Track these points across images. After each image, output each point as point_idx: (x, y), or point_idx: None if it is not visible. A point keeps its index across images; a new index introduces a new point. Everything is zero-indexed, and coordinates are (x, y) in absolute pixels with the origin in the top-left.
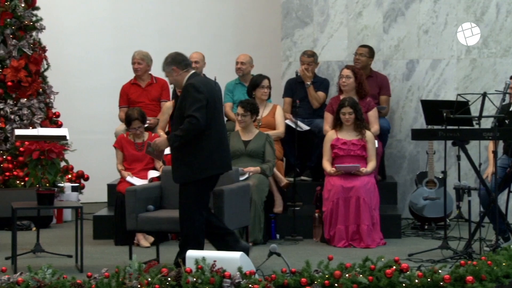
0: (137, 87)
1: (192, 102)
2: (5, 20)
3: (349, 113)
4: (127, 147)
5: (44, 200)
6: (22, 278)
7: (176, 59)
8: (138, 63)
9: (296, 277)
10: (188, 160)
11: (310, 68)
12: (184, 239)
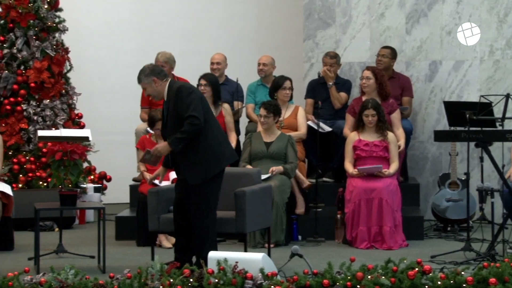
0: None
1: (188, 103)
2: (28, 21)
3: (372, 115)
4: (149, 148)
5: (66, 201)
6: (45, 279)
7: (155, 70)
8: (162, 66)
9: (318, 278)
10: (199, 159)
11: (332, 69)
12: (200, 239)
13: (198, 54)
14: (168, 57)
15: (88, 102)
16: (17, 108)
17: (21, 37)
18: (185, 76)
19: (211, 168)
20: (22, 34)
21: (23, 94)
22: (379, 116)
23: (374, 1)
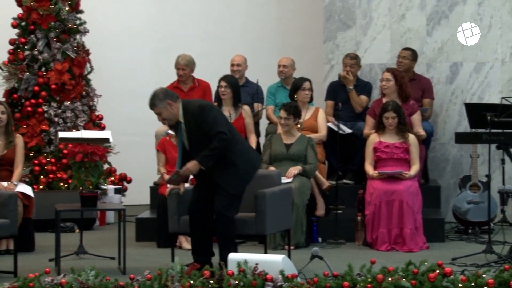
0: (180, 92)
1: (213, 120)
2: (49, 23)
3: (392, 118)
4: (170, 150)
5: (87, 203)
6: (66, 280)
7: (168, 93)
8: (182, 69)
9: (339, 280)
10: (234, 170)
11: (352, 70)
12: (225, 240)
13: (219, 55)
14: (188, 60)
15: (109, 103)
16: (38, 109)
17: (42, 39)
18: (205, 77)
19: (248, 175)
20: (43, 36)
21: (44, 95)
22: (400, 119)
23: (394, 2)
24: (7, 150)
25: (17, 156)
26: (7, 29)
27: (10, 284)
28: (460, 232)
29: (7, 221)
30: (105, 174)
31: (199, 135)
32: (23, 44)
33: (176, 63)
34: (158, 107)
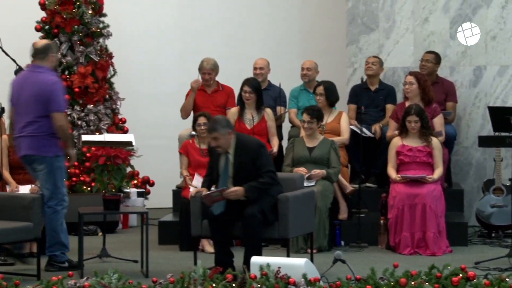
0: (203, 93)
1: (267, 158)
2: (72, 26)
3: (415, 122)
4: (192, 153)
5: (110, 206)
6: (89, 283)
7: (229, 123)
8: (208, 73)
9: (361, 284)
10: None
11: (374, 68)
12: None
13: (242, 59)
14: (213, 64)
15: (132, 107)
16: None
17: (66, 42)
18: (228, 81)
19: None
20: (66, 39)
21: (67, 99)
22: (422, 122)
23: (418, 6)
24: None
25: None
26: (31, 33)
27: (34, 287)
28: (483, 236)
29: (31, 224)
30: (128, 177)
31: (249, 168)
32: None
33: (201, 67)
34: (218, 133)
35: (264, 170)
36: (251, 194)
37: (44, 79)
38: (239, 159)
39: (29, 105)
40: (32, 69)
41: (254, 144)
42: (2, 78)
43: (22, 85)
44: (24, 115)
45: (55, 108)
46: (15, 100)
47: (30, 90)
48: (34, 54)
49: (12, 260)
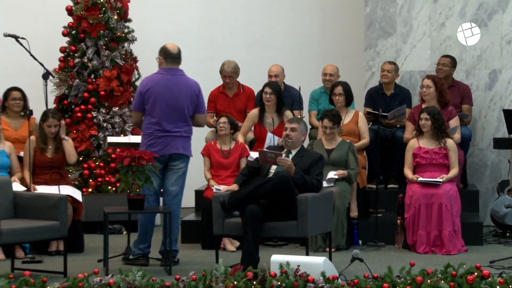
0: (225, 97)
1: (321, 170)
2: (98, 31)
3: (426, 119)
4: (214, 154)
5: (134, 205)
6: (114, 280)
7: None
8: (229, 76)
9: (378, 282)
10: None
11: (389, 75)
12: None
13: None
14: (234, 67)
15: None
16: (87, 115)
17: (92, 47)
18: (249, 83)
19: None
20: (92, 44)
21: (93, 102)
22: (434, 122)
23: (435, 11)
24: (56, 154)
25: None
26: (58, 38)
27: (60, 284)
28: (498, 236)
29: (57, 223)
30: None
31: (302, 169)
32: (73, 52)
33: (222, 70)
34: (299, 125)
35: (315, 175)
36: (296, 176)
37: (192, 82)
38: (299, 159)
39: (183, 107)
40: (174, 73)
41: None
42: (29, 82)
43: (168, 87)
44: (177, 116)
45: (203, 110)
46: (159, 102)
47: (184, 92)
48: (172, 58)
49: (39, 258)
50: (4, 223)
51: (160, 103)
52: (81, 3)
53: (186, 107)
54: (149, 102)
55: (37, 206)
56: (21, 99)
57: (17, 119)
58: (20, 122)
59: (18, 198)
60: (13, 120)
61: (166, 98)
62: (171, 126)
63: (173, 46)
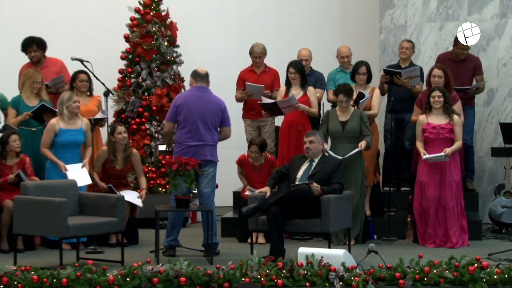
0: (253, 73)
1: (342, 174)
2: (151, 56)
3: (438, 96)
4: (246, 167)
5: (181, 204)
6: (164, 268)
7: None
8: (259, 56)
9: (391, 271)
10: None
11: (408, 52)
12: None
13: None
14: (262, 48)
15: None
16: (141, 127)
17: (145, 69)
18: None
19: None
20: (146, 66)
21: (147, 115)
22: (445, 98)
23: (440, 38)
24: (125, 165)
25: (137, 167)
26: (117, 61)
27: (118, 271)
28: (495, 232)
29: (116, 219)
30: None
31: (325, 174)
32: (129, 73)
33: (252, 51)
34: (315, 137)
35: (337, 181)
36: (325, 193)
37: (218, 99)
38: (321, 166)
39: (210, 119)
40: (203, 90)
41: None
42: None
43: (198, 102)
44: (205, 127)
45: (228, 123)
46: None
47: (212, 107)
48: (201, 78)
49: (101, 249)
50: (70, 219)
51: (191, 115)
52: (137, 32)
53: (213, 120)
54: (182, 114)
55: (99, 205)
56: (87, 81)
57: (84, 97)
58: (87, 100)
59: (82, 198)
60: (81, 98)
61: (196, 111)
62: (200, 136)
63: (201, 69)
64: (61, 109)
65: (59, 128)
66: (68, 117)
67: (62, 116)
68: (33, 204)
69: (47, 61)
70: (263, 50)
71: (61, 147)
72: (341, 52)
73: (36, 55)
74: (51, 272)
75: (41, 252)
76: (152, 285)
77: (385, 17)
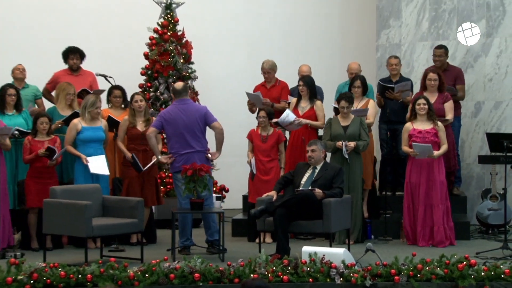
0: (264, 88)
1: (342, 179)
2: (168, 72)
3: (423, 104)
4: (254, 139)
5: (195, 207)
6: (179, 265)
7: (326, 146)
8: (267, 72)
9: (387, 268)
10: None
11: (398, 68)
12: None
13: None
14: (271, 64)
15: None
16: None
17: (163, 84)
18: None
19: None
20: (163, 81)
21: None
22: (429, 106)
23: (431, 55)
24: (146, 127)
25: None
26: (137, 76)
27: (138, 268)
28: (482, 233)
29: (136, 220)
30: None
31: (327, 179)
32: (149, 87)
33: (262, 68)
34: (317, 146)
35: (337, 186)
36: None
37: (199, 106)
38: (323, 172)
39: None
40: (183, 102)
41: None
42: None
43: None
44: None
45: (213, 119)
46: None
47: (194, 115)
48: (178, 93)
49: (122, 248)
50: (95, 220)
51: (178, 128)
52: (155, 50)
53: (197, 127)
54: (170, 128)
55: (120, 207)
56: (121, 96)
57: (118, 110)
58: (119, 112)
59: (105, 201)
60: (115, 111)
61: (181, 124)
62: (189, 145)
63: (178, 84)
64: (83, 112)
65: (81, 126)
66: (89, 120)
67: (83, 118)
68: (61, 207)
69: (82, 71)
70: (271, 66)
71: (83, 143)
72: (351, 68)
73: (76, 63)
74: (77, 268)
75: (68, 250)
76: (169, 280)
77: (382, 37)
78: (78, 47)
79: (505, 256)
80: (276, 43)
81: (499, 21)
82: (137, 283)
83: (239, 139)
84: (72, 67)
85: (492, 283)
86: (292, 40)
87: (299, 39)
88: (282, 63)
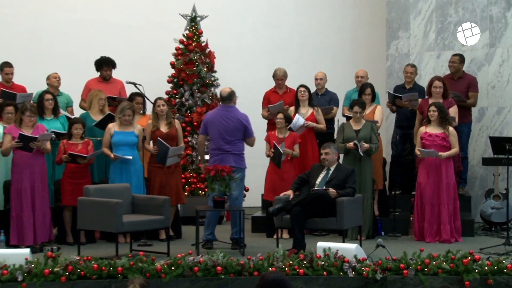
0: (276, 94)
1: (354, 179)
2: (193, 80)
3: (433, 110)
4: (272, 140)
5: (218, 205)
6: (203, 259)
7: (338, 149)
8: (281, 79)
9: (396, 263)
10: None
11: (412, 76)
12: None
13: None
14: (284, 72)
15: None
16: (184, 140)
17: (188, 91)
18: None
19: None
20: (188, 88)
21: (189, 130)
22: (440, 113)
23: (438, 64)
24: (169, 129)
25: (178, 134)
26: (164, 84)
27: (165, 261)
28: (485, 230)
29: (163, 217)
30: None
31: (340, 180)
32: (175, 94)
33: (275, 75)
34: (330, 150)
35: (350, 186)
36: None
37: (241, 114)
38: (337, 173)
39: (233, 132)
40: (227, 108)
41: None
42: None
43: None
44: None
45: (251, 134)
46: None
47: (234, 123)
48: (223, 99)
49: (150, 242)
50: (125, 217)
51: (216, 131)
52: (181, 60)
53: (235, 134)
54: (210, 130)
55: (148, 205)
56: (141, 103)
57: (138, 115)
58: (139, 117)
59: (135, 199)
60: (137, 116)
61: (221, 127)
62: (224, 147)
63: (224, 90)
64: (116, 117)
65: (114, 130)
66: (120, 125)
67: (117, 122)
68: (94, 204)
69: (112, 79)
70: (284, 73)
71: (115, 146)
72: (358, 73)
73: (109, 74)
74: (109, 261)
75: (100, 245)
76: (193, 273)
77: (391, 47)
78: (111, 58)
79: (507, 252)
80: (292, 53)
81: (502, 33)
82: (164, 275)
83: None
84: (105, 78)
85: (495, 277)
86: (308, 51)
87: (314, 50)
88: (298, 72)
